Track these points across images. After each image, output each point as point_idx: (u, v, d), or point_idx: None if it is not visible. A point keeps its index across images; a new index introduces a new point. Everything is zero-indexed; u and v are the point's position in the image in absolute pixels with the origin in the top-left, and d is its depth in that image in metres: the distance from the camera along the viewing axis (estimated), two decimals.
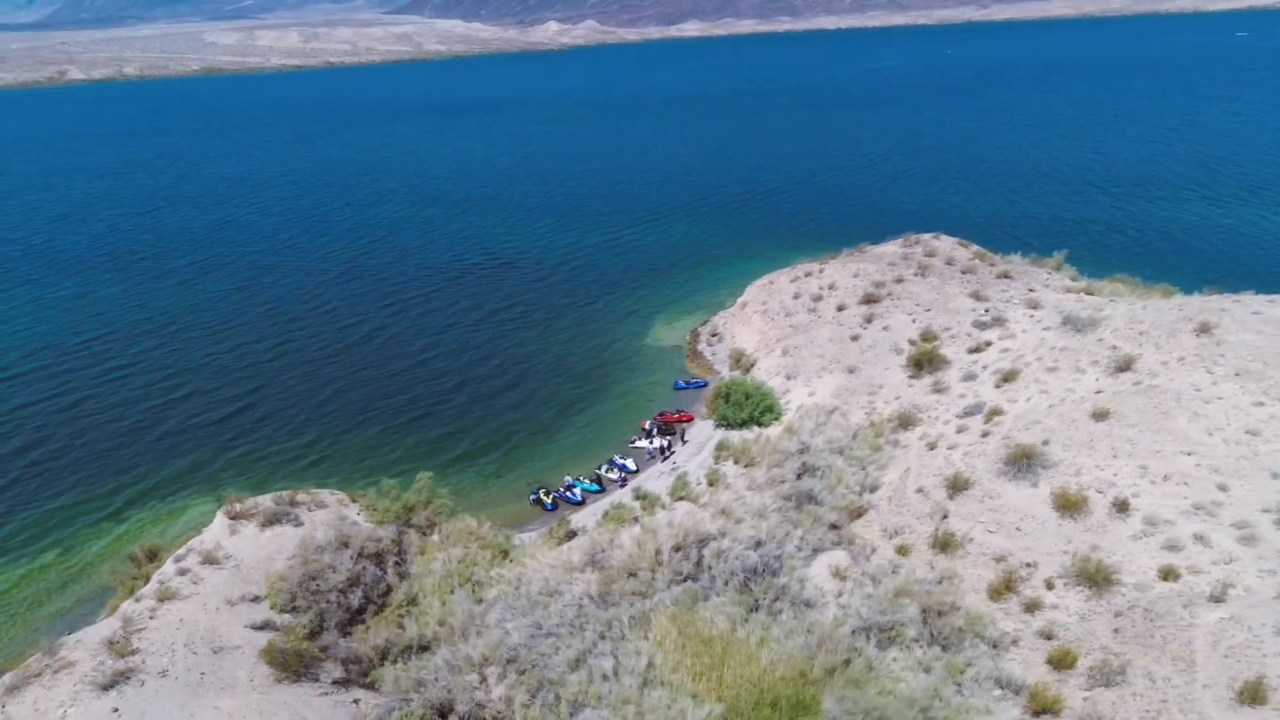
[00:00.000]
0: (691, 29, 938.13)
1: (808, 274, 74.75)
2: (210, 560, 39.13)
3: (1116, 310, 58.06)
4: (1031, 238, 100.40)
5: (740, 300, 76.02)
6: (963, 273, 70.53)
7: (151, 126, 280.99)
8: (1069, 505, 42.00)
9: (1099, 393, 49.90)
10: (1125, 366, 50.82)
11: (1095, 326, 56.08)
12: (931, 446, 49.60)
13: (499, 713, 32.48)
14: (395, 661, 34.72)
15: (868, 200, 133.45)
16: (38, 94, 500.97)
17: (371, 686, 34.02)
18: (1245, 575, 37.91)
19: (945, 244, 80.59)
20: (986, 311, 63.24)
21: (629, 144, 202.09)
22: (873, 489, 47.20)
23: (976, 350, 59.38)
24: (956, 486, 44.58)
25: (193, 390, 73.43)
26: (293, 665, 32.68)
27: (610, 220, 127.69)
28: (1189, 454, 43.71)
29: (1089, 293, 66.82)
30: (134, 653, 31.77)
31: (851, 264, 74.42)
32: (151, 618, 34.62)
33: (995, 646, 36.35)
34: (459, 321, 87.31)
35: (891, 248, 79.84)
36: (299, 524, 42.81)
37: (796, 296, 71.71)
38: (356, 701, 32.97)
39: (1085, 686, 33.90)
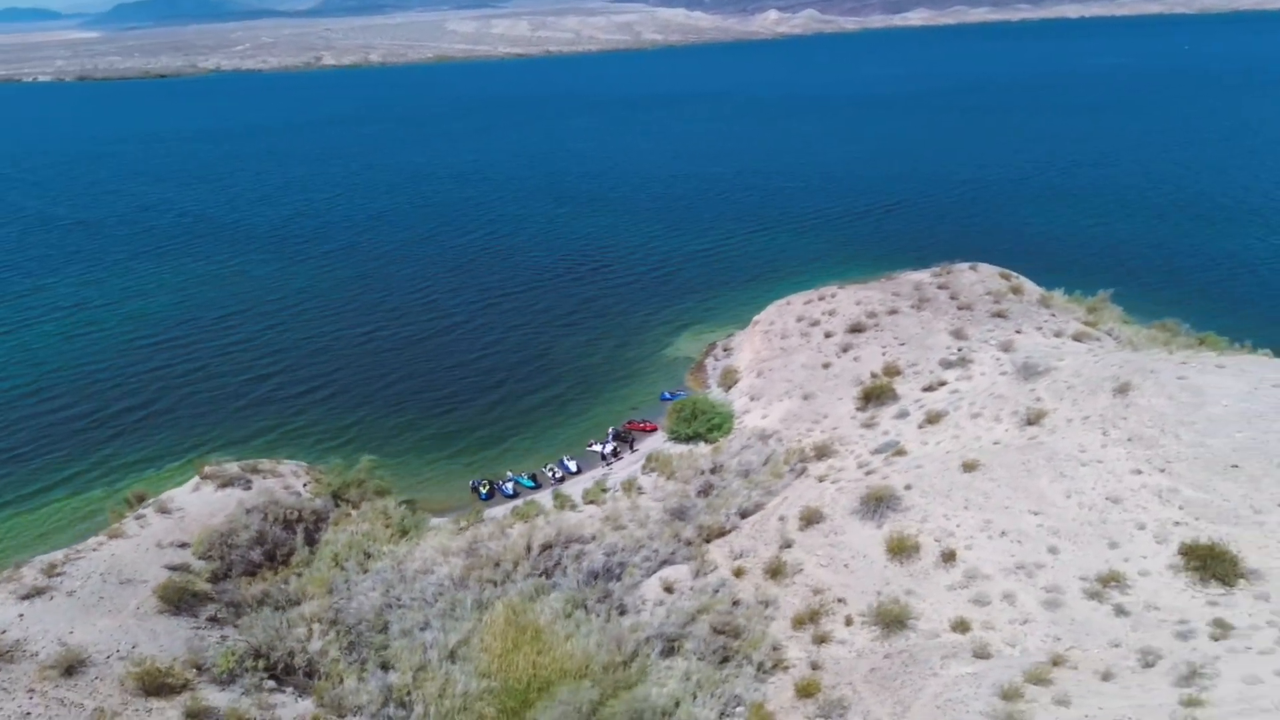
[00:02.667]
0: (917, 18, 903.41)
1: (821, 298, 76.75)
2: (163, 510, 48.92)
3: (1072, 362, 57.20)
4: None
5: (755, 319, 79.18)
6: (960, 308, 70.45)
7: (368, 114, 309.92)
8: (900, 549, 43.98)
9: (995, 443, 50.51)
10: (1034, 420, 51.02)
11: (1043, 376, 55.82)
12: (821, 479, 52.15)
13: (311, 660, 39.87)
14: (265, 609, 42.91)
15: (994, 219, 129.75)
16: (294, 77, 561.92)
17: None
18: (1030, 637, 39.11)
19: (981, 274, 79.83)
20: (959, 351, 63.60)
21: (786, 146, 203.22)
22: (745, 513, 50.56)
23: (929, 389, 60.32)
24: (809, 519, 47.30)
25: (285, 367, 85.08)
26: (174, 600, 41.42)
27: (721, 227, 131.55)
28: (1036, 513, 44.33)
29: (1079, 337, 65.06)
30: (60, 575, 41.66)
31: (864, 291, 75.76)
32: (94, 550, 44.70)
33: (760, 669, 39.63)
34: (529, 322, 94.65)
35: (920, 276, 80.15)
36: (249, 488, 52.03)
37: (800, 320, 74.15)
38: (224, 638, 41.32)
39: (810, 715, 36.77)
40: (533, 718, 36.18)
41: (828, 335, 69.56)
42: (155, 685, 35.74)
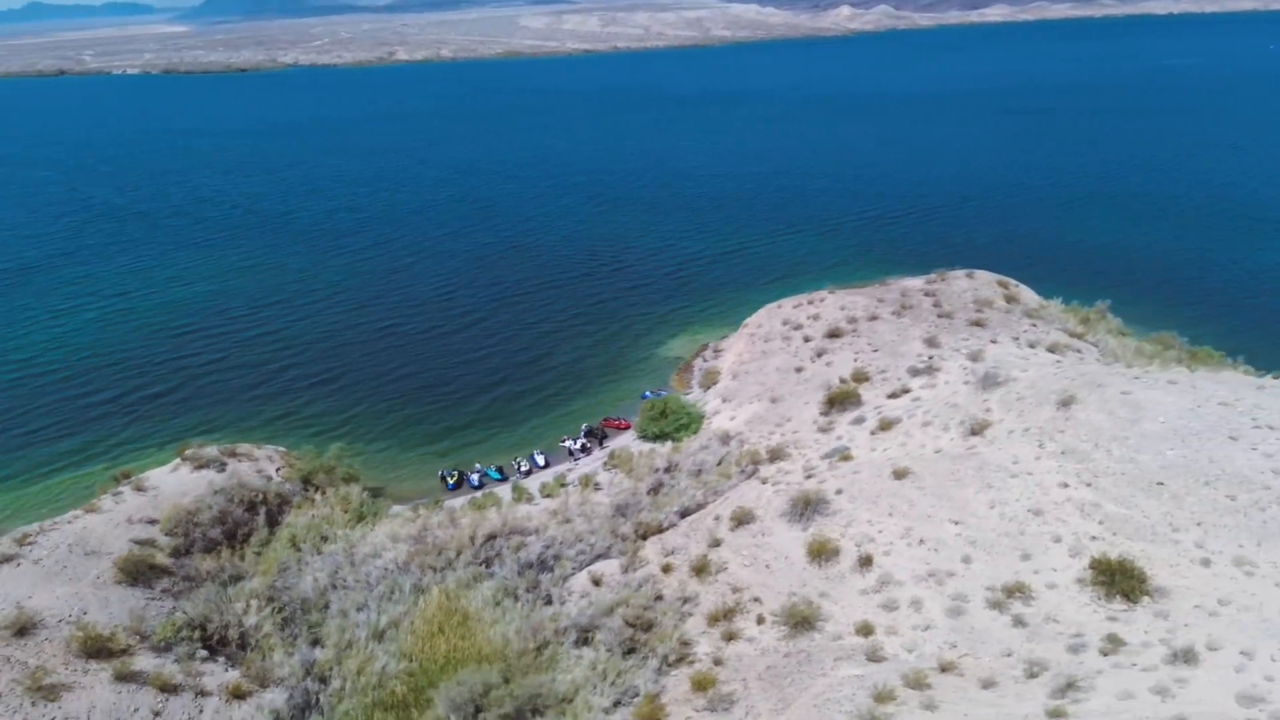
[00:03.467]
0: (995, 13, 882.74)
1: (810, 302, 77.31)
2: (139, 488, 52.35)
3: (1033, 374, 57.07)
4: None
5: (745, 321, 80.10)
6: (940, 316, 70.42)
7: (430, 109, 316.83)
8: (820, 552, 44.95)
9: (937, 451, 50.92)
10: (977, 430, 51.29)
11: (1000, 387, 55.86)
12: (765, 481, 53.20)
13: (245, 633, 42.67)
14: (210, 584, 45.94)
15: (1026, 225, 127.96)
16: (367, 72, 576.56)
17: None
18: (929, 643, 39.87)
19: (975, 282, 79.58)
20: (929, 359, 63.80)
21: (832, 146, 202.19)
22: (686, 512, 51.89)
23: (894, 395, 60.76)
24: (740, 520, 48.49)
25: (302, 358, 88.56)
26: (132, 572, 44.60)
27: (749, 228, 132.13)
28: (956, 523, 44.84)
29: (1055, 348, 64.57)
30: (31, 544, 45.20)
31: (851, 296, 76.13)
32: (69, 523, 48.31)
33: (664, 661, 41.06)
34: (539, 320, 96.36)
35: (912, 282, 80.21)
36: (222, 470, 55.23)
37: (785, 323, 74.90)
38: (173, 609, 44.39)
39: (699, 709, 38.13)
40: (433, 696, 38.25)
41: (806, 340, 70.29)
42: (96, 649, 38.82)
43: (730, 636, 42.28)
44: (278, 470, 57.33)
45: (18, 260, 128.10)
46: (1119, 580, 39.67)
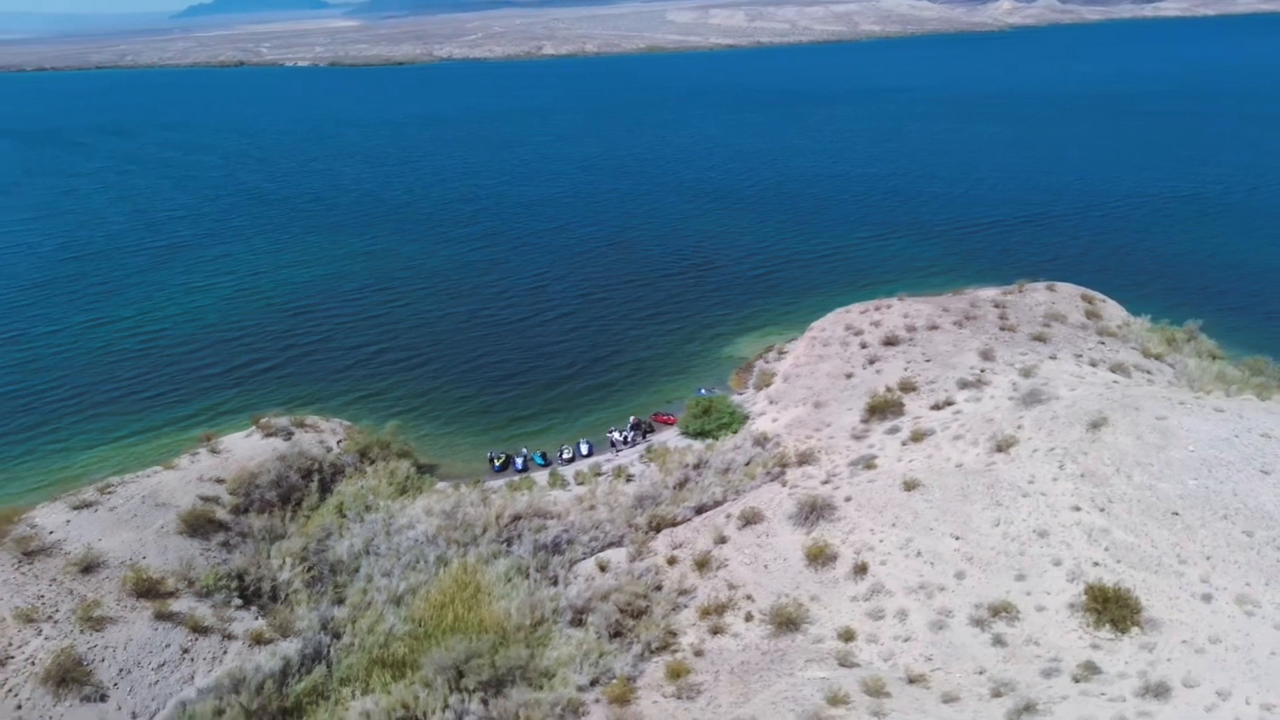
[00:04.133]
0: (1172, 7, 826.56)
1: (876, 308, 76.62)
2: (214, 450, 57.87)
3: (1080, 393, 55.35)
4: None
5: (810, 325, 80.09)
6: (1002, 329, 68.73)
7: (563, 103, 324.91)
8: (818, 556, 45.71)
9: (958, 466, 50.37)
10: (1003, 447, 50.42)
11: (1042, 404, 54.54)
12: (785, 484, 53.92)
13: (277, 587, 47.03)
14: (254, 540, 50.71)
15: (1135, 237, 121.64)
16: (514, 65, 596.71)
17: None
18: (905, 654, 40.21)
19: (1055, 295, 77.17)
20: (980, 372, 62.64)
21: (952, 149, 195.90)
22: (703, 508, 53.24)
23: (936, 407, 60.07)
24: (748, 519, 49.59)
25: (397, 343, 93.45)
26: (193, 524, 49.75)
27: (845, 231, 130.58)
28: (957, 538, 44.64)
29: (1119, 368, 62.07)
30: (110, 494, 51.03)
31: (917, 305, 75.14)
32: (147, 477, 54.14)
33: (648, 648, 42.78)
34: (618, 315, 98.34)
35: (986, 293, 78.44)
36: (289, 439, 60.26)
37: (847, 328, 74.62)
38: (222, 561, 49.31)
39: (667, 694, 39.71)
40: (423, 659, 41.33)
41: (863, 346, 70.00)
42: (145, 589, 43.85)
43: (717, 630, 43.62)
44: (338, 442, 62.10)
45: (171, 239, 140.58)
46: (1111, 609, 38.86)
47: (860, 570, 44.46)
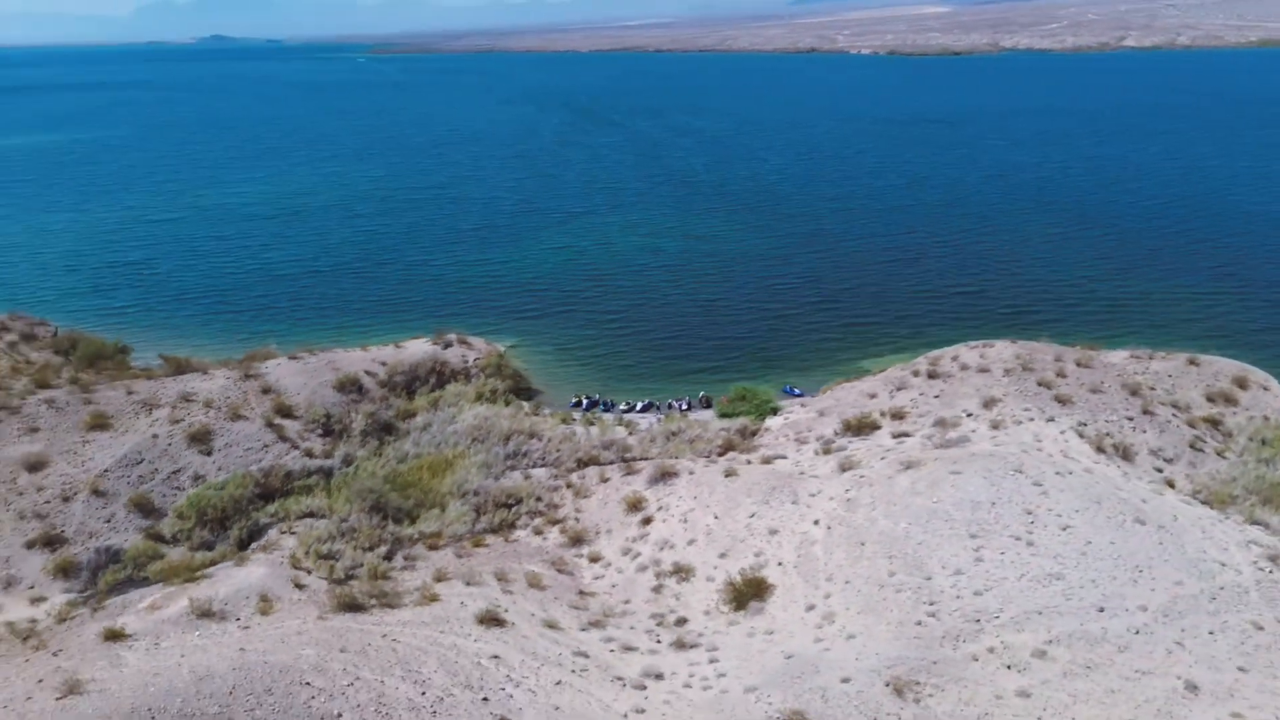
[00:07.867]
0: None
1: (987, 345, 76.90)
2: (397, 345, 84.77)
3: (981, 448, 56.14)
4: None
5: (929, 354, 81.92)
6: (1040, 382, 66.81)
7: (1059, 106, 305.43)
8: (634, 506, 57.43)
9: (792, 472, 56.63)
10: (845, 467, 55.59)
11: (948, 448, 57.05)
12: (706, 456, 64.10)
13: (347, 429, 71.85)
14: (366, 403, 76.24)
15: None
16: (1081, 59, 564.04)
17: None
18: (604, 581, 51.56)
19: (1170, 364, 70.73)
20: (966, 414, 63.99)
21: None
22: (634, 459, 65.98)
23: (897, 436, 63.89)
24: (629, 473, 61.91)
25: (639, 315, 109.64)
26: (341, 385, 76.43)
27: (1111, 260, 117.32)
28: (717, 518, 53.07)
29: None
30: (304, 358, 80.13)
31: (1010, 348, 74.13)
32: (337, 353, 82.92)
33: (492, 521, 58.89)
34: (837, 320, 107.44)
35: (1116, 357, 74.01)
36: (446, 348, 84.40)
37: (949, 359, 76.48)
38: (340, 407, 75.62)
39: (464, 553, 55.92)
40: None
41: (915, 374, 73.28)
42: (282, 412, 71.73)
43: (538, 532, 58.20)
44: (475, 359, 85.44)
45: (573, 209, 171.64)
46: (747, 592, 46.02)
47: (646, 521, 55.43)
